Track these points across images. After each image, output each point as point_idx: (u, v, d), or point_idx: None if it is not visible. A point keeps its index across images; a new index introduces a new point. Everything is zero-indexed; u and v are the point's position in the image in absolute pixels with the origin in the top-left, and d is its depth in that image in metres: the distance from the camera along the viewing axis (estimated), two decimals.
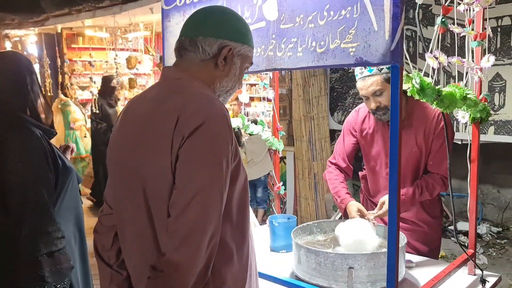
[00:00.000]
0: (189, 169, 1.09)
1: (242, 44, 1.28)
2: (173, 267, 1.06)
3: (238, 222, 1.20)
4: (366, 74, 2.14)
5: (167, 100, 1.17)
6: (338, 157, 2.46)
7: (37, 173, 1.72)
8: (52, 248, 1.71)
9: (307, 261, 1.86)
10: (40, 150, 1.75)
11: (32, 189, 1.69)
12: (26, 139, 1.72)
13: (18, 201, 1.67)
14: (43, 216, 1.71)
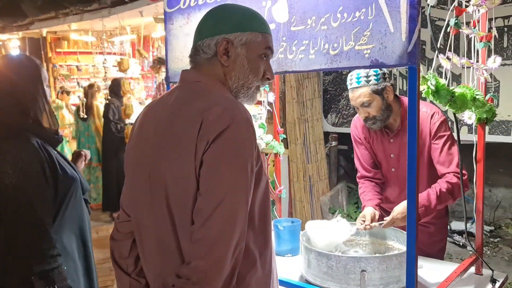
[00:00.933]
0: (214, 175, 1.06)
1: (243, 32, 1.21)
2: (199, 274, 1.04)
3: (261, 228, 1.17)
4: (354, 85, 2.15)
5: (189, 104, 1.15)
6: (361, 170, 2.43)
7: (31, 186, 1.61)
8: (46, 267, 1.59)
9: (318, 265, 1.84)
10: (36, 161, 1.64)
11: (25, 204, 1.59)
12: (22, 149, 1.62)
13: (9, 216, 1.57)
14: (36, 232, 1.59)
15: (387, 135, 2.28)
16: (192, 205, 1.09)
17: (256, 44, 1.23)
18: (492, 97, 1.90)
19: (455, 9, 1.49)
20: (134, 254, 1.30)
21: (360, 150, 2.43)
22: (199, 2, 1.93)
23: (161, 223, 1.16)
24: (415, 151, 1.40)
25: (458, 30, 1.51)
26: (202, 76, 1.22)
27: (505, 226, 4.81)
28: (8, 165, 1.57)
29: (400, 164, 2.27)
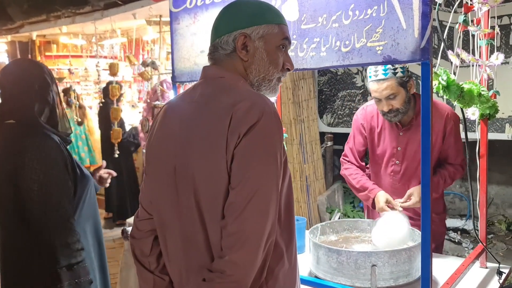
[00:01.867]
0: (247, 168, 1.07)
1: (259, 25, 1.22)
2: (234, 268, 1.05)
3: (286, 221, 1.19)
4: (381, 77, 2.15)
5: (215, 100, 1.15)
6: (351, 157, 2.49)
7: (57, 181, 1.67)
8: (72, 261, 1.65)
9: (327, 261, 1.86)
10: (59, 157, 1.70)
11: (53, 198, 1.64)
12: (45, 146, 1.68)
13: (38, 211, 1.62)
14: (63, 226, 1.65)
15: (396, 128, 2.31)
16: (223, 200, 1.10)
17: (273, 36, 1.24)
18: (495, 93, 1.94)
19: (464, 6, 1.53)
20: (156, 251, 1.30)
21: (358, 140, 2.46)
22: (207, 2, 1.94)
23: (188, 218, 1.16)
24: (429, 144, 1.43)
25: (466, 27, 1.54)
26: (225, 72, 1.23)
27: (497, 222, 4.90)
28: (34, 161, 1.62)
29: (406, 157, 2.31)
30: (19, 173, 1.64)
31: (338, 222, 2.27)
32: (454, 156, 2.28)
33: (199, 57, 2.00)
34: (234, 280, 1.06)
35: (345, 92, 4.91)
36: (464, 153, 2.13)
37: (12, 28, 6.21)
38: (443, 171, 2.28)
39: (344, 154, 2.54)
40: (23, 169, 1.63)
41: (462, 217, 5.09)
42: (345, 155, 2.53)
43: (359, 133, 2.45)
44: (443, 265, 1.98)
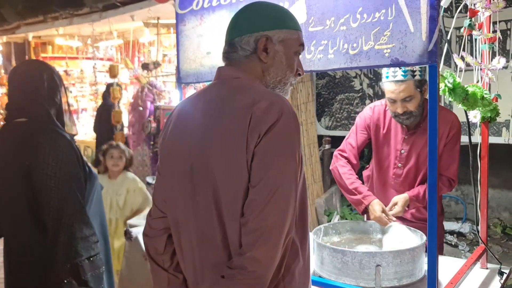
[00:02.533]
0: (267, 167, 1.09)
1: (281, 30, 1.25)
2: (255, 264, 1.07)
3: (300, 219, 1.20)
4: (399, 78, 2.12)
5: (233, 100, 1.17)
6: (349, 153, 2.42)
7: (72, 176, 1.71)
8: (91, 253, 1.71)
9: (332, 261, 1.87)
10: (72, 153, 1.75)
11: (68, 193, 1.68)
12: (59, 142, 1.72)
13: (55, 206, 1.66)
14: (80, 220, 1.69)
15: (402, 131, 2.31)
16: (242, 198, 1.11)
17: (292, 41, 1.27)
18: (496, 96, 1.97)
19: (469, 10, 1.56)
20: (170, 249, 1.31)
21: (360, 137, 2.41)
22: (213, 4, 1.96)
23: (205, 217, 1.17)
24: (436, 146, 1.45)
25: (471, 31, 1.58)
26: (240, 72, 1.24)
27: (493, 225, 4.95)
28: (49, 157, 1.67)
29: (408, 161, 2.31)
30: (34, 170, 1.67)
31: (341, 224, 2.29)
32: (446, 165, 2.23)
33: (205, 58, 2.02)
34: (256, 276, 1.07)
35: (343, 95, 4.95)
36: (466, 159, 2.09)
37: (8, 29, 6.19)
38: None
39: (341, 149, 2.46)
40: (38, 165, 1.66)
41: (458, 220, 5.14)
42: (343, 150, 2.45)
43: (364, 130, 2.41)
44: (443, 266, 2.01)
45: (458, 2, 1.80)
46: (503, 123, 4.04)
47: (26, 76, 1.84)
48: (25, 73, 1.85)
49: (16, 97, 1.84)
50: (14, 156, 1.72)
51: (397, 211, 2.20)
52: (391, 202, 2.24)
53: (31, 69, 1.87)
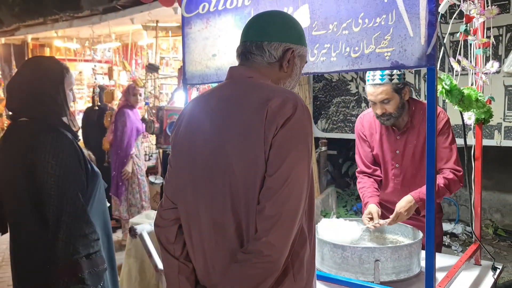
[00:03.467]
0: (284, 157, 1.16)
1: (301, 46, 1.37)
2: (271, 248, 1.14)
3: (308, 208, 1.27)
4: (377, 82, 2.25)
5: (248, 96, 1.24)
6: (361, 166, 2.55)
7: (72, 174, 1.73)
8: (90, 250, 1.72)
9: (332, 256, 1.94)
10: (73, 152, 1.76)
11: (69, 191, 1.70)
12: (60, 141, 1.74)
13: (55, 203, 1.68)
14: (80, 218, 1.71)
15: (393, 133, 2.41)
16: (259, 186, 1.18)
17: (304, 58, 1.41)
18: (490, 99, 2.06)
19: (465, 16, 1.64)
20: (181, 239, 1.37)
21: (363, 147, 2.54)
22: (219, 8, 2.03)
23: (220, 207, 1.24)
24: (434, 145, 1.52)
25: (467, 36, 1.66)
26: (254, 72, 1.32)
27: (485, 227, 5.05)
28: (49, 155, 1.69)
29: (404, 160, 2.40)
30: (35, 168, 1.69)
31: None
32: (444, 158, 2.28)
33: (211, 60, 2.08)
34: (271, 260, 1.14)
35: (339, 98, 5.04)
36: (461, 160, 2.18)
37: (7, 31, 6.22)
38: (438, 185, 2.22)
39: (358, 169, 2.57)
40: (39, 163, 1.68)
41: (451, 222, 5.24)
42: (358, 167, 2.57)
43: (362, 140, 2.55)
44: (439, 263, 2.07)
45: (452, 9, 1.88)
46: (495, 126, 4.14)
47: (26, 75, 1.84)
48: (24, 73, 1.85)
49: (17, 97, 1.84)
50: (18, 154, 1.74)
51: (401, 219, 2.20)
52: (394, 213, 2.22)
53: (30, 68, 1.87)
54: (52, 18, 5.44)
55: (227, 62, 2.02)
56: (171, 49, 6.79)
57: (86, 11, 5.08)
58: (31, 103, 1.81)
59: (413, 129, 2.37)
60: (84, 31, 6.03)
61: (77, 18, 5.25)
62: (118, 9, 4.84)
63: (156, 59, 5.83)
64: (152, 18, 5.10)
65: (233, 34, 1.99)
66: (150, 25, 5.42)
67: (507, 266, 4.23)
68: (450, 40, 3.76)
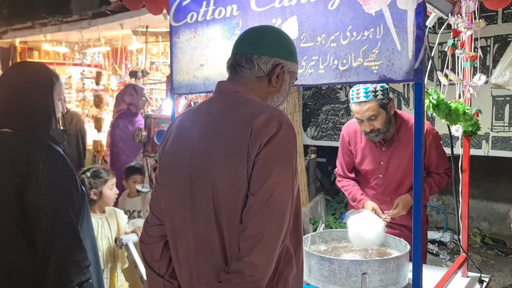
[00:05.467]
0: (266, 176, 1.15)
1: (292, 62, 1.37)
2: (253, 268, 1.12)
3: (294, 226, 1.26)
4: (362, 99, 2.29)
5: (234, 112, 1.23)
6: (340, 171, 2.65)
7: (66, 196, 1.60)
8: (82, 278, 1.59)
9: (319, 269, 1.93)
10: (67, 170, 1.63)
11: (62, 214, 1.56)
12: (53, 159, 1.59)
13: (47, 227, 1.53)
14: (73, 243, 1.58)
15: (379, 144, 2.44)
16: (242, 205, 1.17)
17: (294, 74, 1.40)
18: (477, 112, 2.07)
19: (452, 31, 1.65)
20: (166, 256, 1.35)
21: (345, 156, 2.61)
22: (207, 18, 2.01)
23: (204, 223, 1.22)
24: (421, 158, 1.52)
25: (454, 50, 1.66)
26: (241, 87, 1.31)
27: (472, 235, 5.08)
28: (43, 175, 1.54)
29: (388, 171, 2.44)
30: (26, 188, 1.53)
31: (327, 232, 2.35)
32: (437, 166, 2.41)
33: (198, 70, 2.07)
34: (253, 280, 1.13)
35: (329, 106, 5.05)
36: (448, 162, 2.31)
37: None
38: (429, 178, 2.42)
39: (337, 168, 2.69)
40: (31, 184, 1.53)
41: (439, 230, 5.26)
42: (337, 169, 2.67)
43: (345, 148, 2.60)
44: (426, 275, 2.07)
45: (441, 19, 1.89)
46: (483, 136, 4.18)
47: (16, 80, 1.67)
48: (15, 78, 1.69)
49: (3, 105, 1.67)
50: (5, 172, 1.57)
51: (398, 211, 2.35)
52: (394, 203, 2.39)
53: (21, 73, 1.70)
54: (41, 22, 5.39)
55: (215, 72, 2.00)
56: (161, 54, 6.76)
57: (75, 15, 5.04)
58: (16, 113, 1.64)
59: (399, 142, 2.41)
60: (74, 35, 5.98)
61: (66, 22, 5.21)
62: (108, 14, 4.81)
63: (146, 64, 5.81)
64: (142, 24, 5.07)
65: (221, 44, 1.97)
66: (140, 30, 5.40)
67: (494, 275, 4.25)
68: (438, 50, 3.78)
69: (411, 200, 2.32)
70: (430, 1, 1.63)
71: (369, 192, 2.56)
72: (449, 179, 2.42)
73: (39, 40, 6.67)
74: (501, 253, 4.83)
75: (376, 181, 2.51)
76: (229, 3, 1.93)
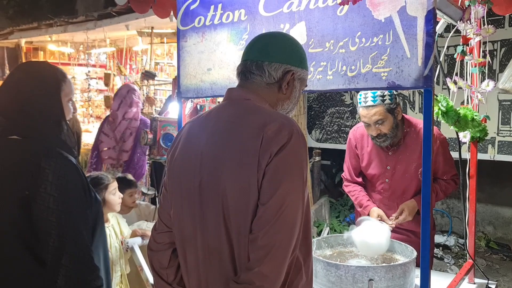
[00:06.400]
0: (277, 186, 1.14)
1: (302, 69, 1.36)
2: (263, 279, 1.12)
3: (304, 236, 1.25)
4: (370, 103, 2.29)
5: (245, 120, 1.23)
6: (347, 175, 2.64)
7: (76, 210, 1.47)
8: None
9: (326, 275, 1.92)
10: (78, 181, 1.50)
11: (72, 230, 1.44)
12: (64, 169, 1.46)
13: (54, 244, 1.42)
14: (83, 261, 1.45)
15: (386, 149, 2.43)
16: (252, 214, 1.16)
17: (304, 81, 1.40)
18: (485, 118, 2.06)
19: (462, 37, 1.64)
20: (174, 264, 1.35)
21: (352, 160, 2.61)
22: (215, 22, 2.01)
23: (213, 232, 1.22)
24: (430, 164, 1.52)
25: (463, 57, 1.65)
26: (251, 94, 1.30)
27: (477, 239, 5.06)
28: (52, 187, 1.42)
29: (395, 176, 2.43)
30: (34, 202, 1.42)
31: (333, 237, 2.34)
32: (444, 172, 2.40)
33: (206, 74, 2.06)
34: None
35: (334, 109, 5.05)
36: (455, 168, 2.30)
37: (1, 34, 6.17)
38: (435, 185, 2.41)
39: (344, 173, 2.68)
40: (39, 197, 1.41)
41: (443, 233, 5.24)
42: (344, 174, 2.67)
43: (352, 153, 2.60)
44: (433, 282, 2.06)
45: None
46: (489, 140, 4.16)
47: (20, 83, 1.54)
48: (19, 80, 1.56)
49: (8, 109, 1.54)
50: (11, 182, 1.46)
51: (404, 217, 2.34)
52: (399, 209, 2.38)
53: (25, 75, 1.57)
54: (47, 23, 5.41)
55: (222, 77, 2.00)
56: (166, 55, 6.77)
57: (81, 16, 5.05)
58: (22, 119, 1.52)
59: (406, 147, 2.41)
60: (79, 35, 6.00)
61: (72, 23, 5.22)
62: (113, 16, 4.82)
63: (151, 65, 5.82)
64: (147, 25, 5.09)
65: (229, 48, 1.97)
66: (145, 31, 5.41)
67: (499, 280, 4.24)
68: (445, 54, 3.77)
69: (416, 205, 2.33)
70: (440, 7, 1.63)
71: (375, 197, 2.55)
72: (455, 185, 2.41)
73: (44, 40, 6.69)
74: (505, 257, 4.81)
75: (382, 185, 2.51)
76: (237, 8, 1.93)
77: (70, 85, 1.63)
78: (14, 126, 1.52)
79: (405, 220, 2.34)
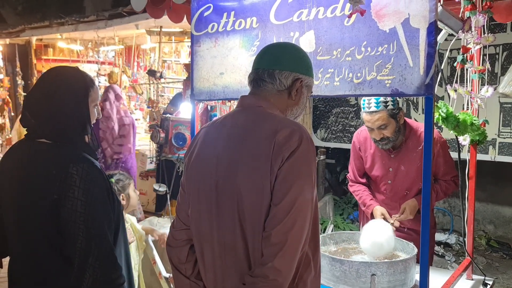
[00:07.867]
0: (288, 188, 1.25)
1: (309, 77, 1.47)
2: (276, 273, 1.22)
3: (312, 233, 1.36)
4: (373, 109, 2.39)
5: (259, 125, 1.33)
6: (352, 176, 2.76)
7: (102, 213, 1.54)
8: None
9: (331, 269, 2.03)
10: (103, 186, 1.56)
11: (98, 232, 1.50)
12: (90, 173, 1.52)
13: (82, 246, 1.48)
14: (107, 261, 1.51)
15: (388, 151, 2.54)
16: (265, 214, 1.27)
17: (310, 88, 1.51)
18: (484, 122, 2.15)
19: (462, 47, 1.74)
20: (191, 259, 1.46)
21: (357, 162, 2.72)
22: (228, 28, 2.11)
23: (229, 229, 1.32)
24: (430, 166, 1.61)
25: (463, 65, 1.75)
26: (262, 101, 1.41)
27: (478, 237, 5.16)
28: (80, 191, 1.49)
29: (397, 177, 2.54)
30: (62, 205, 1.48)
31: (338, 234, 2.45)
32: (444, 173, 2.51)
33: (218, 78, 2.17)
34: (276, 285, 1.23)
35: (339, 109, 5.14)
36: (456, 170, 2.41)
37: (13, 32, 6.29)
38: (436, 185, 2.52)
39: (349, 174, 2.81)
40: (68, 200, 1.48)
41: (445, 232, 5.34)
42: (349, 175, 2.79)
43: (356, 155, 2.71)
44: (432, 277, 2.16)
45: None
46: (490, 142, 4.25)
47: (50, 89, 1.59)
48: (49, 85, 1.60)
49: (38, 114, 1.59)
50: (41, 186, 1.52)
51: (406, 216, 2.45)
52: (401, 207, 2.49)
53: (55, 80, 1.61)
54: (58, 22, 5.51)
55: (234, 81, 2.10)
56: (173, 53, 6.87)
57: (92, 16, 5.15)
58: (51, 124, 1.57)
59: (407, 150, 2.51)
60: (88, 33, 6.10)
61: (83, 22, 5.32)
62: (124, 15, 4.91)
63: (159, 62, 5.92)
64: (157, 24, 5.18)
65: (240, 54, 2.07)
66: (154, 30, 5.51)
67: (499, 277, 4.34)
68: (448, 57, 3.86)
69: (417, 204, 2.44)
70: (442, 19, 1.72)
71: (379, 197, 2.66)
72: (455, 186, 2.51)
73: (54, 37, 6.80)
74: (505, 255, 4.91)
75: (385, 186, 2.62)
76: (249, 16, 2.03)
77: (97, 91, 1.69)
78: (44, 129, 1.59)
79: (406, 218, 2.45)
